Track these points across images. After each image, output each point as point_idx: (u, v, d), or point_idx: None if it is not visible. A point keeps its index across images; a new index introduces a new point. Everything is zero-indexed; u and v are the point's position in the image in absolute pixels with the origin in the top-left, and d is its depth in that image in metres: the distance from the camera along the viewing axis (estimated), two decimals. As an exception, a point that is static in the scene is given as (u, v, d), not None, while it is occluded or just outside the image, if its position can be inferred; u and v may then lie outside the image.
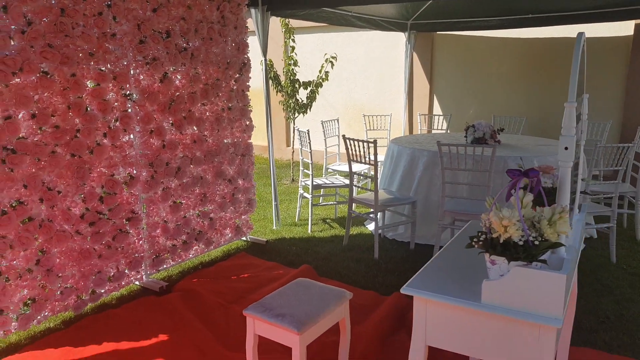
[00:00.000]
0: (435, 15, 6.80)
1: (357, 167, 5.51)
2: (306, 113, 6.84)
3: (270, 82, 6.78)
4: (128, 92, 3.28)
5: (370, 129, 6.66)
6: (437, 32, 7.31)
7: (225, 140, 4.07)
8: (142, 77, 3.37)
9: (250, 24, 4.58)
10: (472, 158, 3.92)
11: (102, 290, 3.28)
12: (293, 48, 6.75)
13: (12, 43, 2.64)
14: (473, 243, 1.59)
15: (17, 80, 2.67)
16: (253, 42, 4.62)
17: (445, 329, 1.73)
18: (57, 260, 2.97)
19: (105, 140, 3.15)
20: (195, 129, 3.79)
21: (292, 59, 6.64)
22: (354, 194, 4.62)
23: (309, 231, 4.82)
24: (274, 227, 4.94)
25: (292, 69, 6.66)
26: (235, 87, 4.11)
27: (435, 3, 6.14)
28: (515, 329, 1.56)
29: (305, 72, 8.07)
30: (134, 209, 3.40)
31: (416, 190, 4.52)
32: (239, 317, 3.10)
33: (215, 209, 4.08)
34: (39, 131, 2.80)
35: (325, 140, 5.71)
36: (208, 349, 2.83)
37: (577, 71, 1.69)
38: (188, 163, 3.75)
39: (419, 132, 6.91)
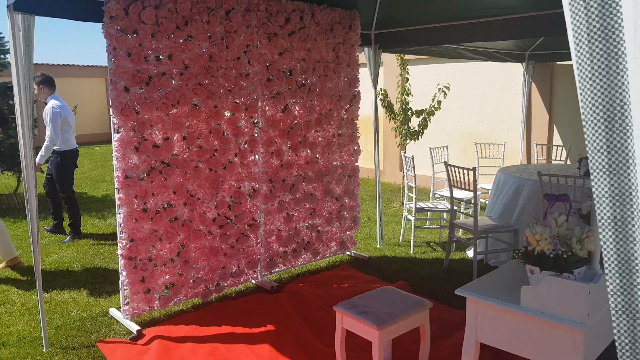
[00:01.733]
0: (554, 46, 6.76)
1: (463, 194, 5.70)
2: (417, 140, 7.17)
3: (384, 110, 7.26)
4: (256, 120, 3.97)
5: (482, 157, 6.77)
6: (557, 62, 7.21)
7: (334, 163, 4.60)
8: (267, 108, 4.04)
9: (364, 58, 5.11)
10: (581, 190, 3.94)
11: (225, 284, 3.95)
12: (407, 79, 7.16)
13: (173, 82, 3.44)
14: (514, 254, 1.87)
15: (174, 110, 3.46)
16: (366, 74, 5.15)
17: (492, 327, 2.01)
18: (193, 254, 3.70)
19: (236, 159, 3.85)
20: (309, 151, 4.37)
21: (405, 88, 7.05)
22: (459, 220, 4.84)
23: (411, 252, 5.12)
24: (378, 246, 5.33)
25: (405, 98, 7.06)
26: (345, 116, 4.64)
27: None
28: (549, 329, 1.80)
29: (420, 99, 8.40)
30: (254, 217, 4.05)
31: (518, 219, 4.61)
32: (335, 318, 3.54)
33: (323, 223, 4.61)
34: (187, 150, 3.56)
35: (433, 166, 6.00)
36: (306, 341, 3.30)
37: None
38: (301, 181, 4.34)
39: (536, 162, 6.84)
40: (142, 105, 3.29)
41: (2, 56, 7.29)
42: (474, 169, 4.15)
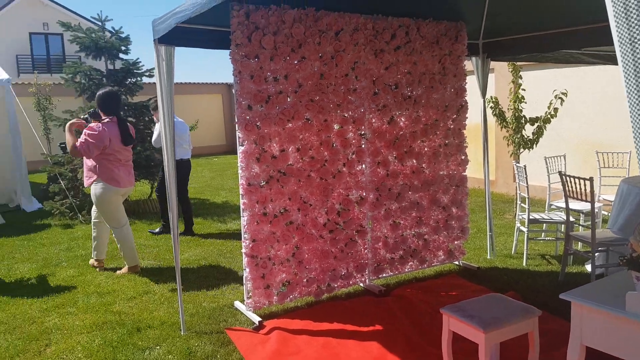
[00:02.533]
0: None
1: (582, 206, 5.42)
2: (532, 148, 6.92)
3: (495, 118, 7.12)
4: (363, 132, 4.21)
5: (605, 167, 6.35)
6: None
7: (441, 172, 4.68)
8: (374, 120, 4.27)
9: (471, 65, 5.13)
10: None
11: (335, 285, 4.21)
12: (519, 86, 6.96)
13: (288, 100, 3.82)
14: (619, 260, 1.89)
15: (289, 125, 3.83)
16: (474, 82, 5.16)
17: (596, 331, 2.02)
18: (306, 255, 4.02)
19: (344, 169, 4.12)
20: (415, 161, 4.51)
21: (518, 95, 6.86)
22: (577, 232, 4.64)
23: (524, 264, 4.99)
24: (488, 257, 5.26)
25: (518, 105, 6.87)
26: (452, 126, 4.71)
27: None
28: (653, 335, 1.78)
29: (535, 106, 8.07)
30: (362, 223, 4.28)
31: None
32: (441, 322, 3.62)
33: (430, 231, 4.70)
34: (301, 160, 3.91)
35: (548, 176, 5.77)
36: (413, 342, 3.44)
37: None
38: (407, 190, 4.48)
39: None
40: (263, 121, 3.70)
41: (139, 78, 8.37)
42: (591, 179, 3.99)
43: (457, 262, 5.04)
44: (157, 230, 6.68)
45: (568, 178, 4.25)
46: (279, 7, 3.67)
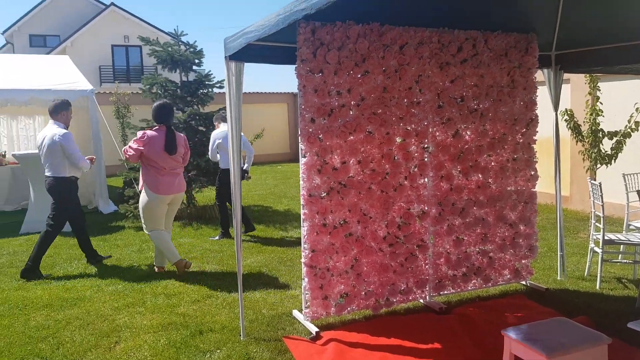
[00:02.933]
0: None
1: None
2: (610, 164, 6.51)
3: (570, 132, 6.77)
4: (426, 145, 4.16)
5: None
6: None
7: (508, 188, 4.52)
8: (437, 133, 4.21)
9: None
10: None
11: (394, 300, 4.17)
12: (597, 98, 6.59)
13: (351, 113, 3.85)
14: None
15: (351, 137, 3.85)
16: (546, 93, 4.95)
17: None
18: (365, 268, 4.01)
19: (405, 182, 4.08)
20: (480, 176, 4.39)
21: (595, 108, 6.49)
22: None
23: (597, 287, 4.70)
24: (558, 278, 5.00)
25: (595, 118, 6.50)
26: (521, 141, 4.54)
27: None
28: None
29: (615, 119, 7.59)
30: (423, 238, 4.21)
31: None
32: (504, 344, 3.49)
33: (495, 249, 4.54)
34: (361, 173, 3.92)
35: (627, 194, 5.41)
36: (473, 362, 3.33)
37: None
38: (472, 205, 4.37)
39: None
40: (325, 133, 3.75)
41: (210, 90, 8.72)
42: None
43: (524, 282, 4.83)
44: (216, 237, 6.92)
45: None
46: (343, 23, 3.72)
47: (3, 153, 10.24)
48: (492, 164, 4.45)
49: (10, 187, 9.38)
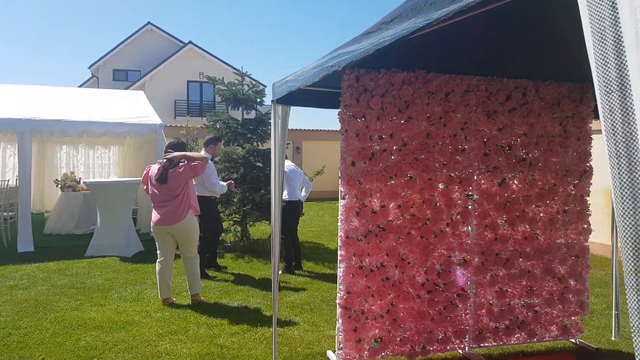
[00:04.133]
0: None
1: None
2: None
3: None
4: (470, 193, 4.12)
5: None
6: None
7: (557, 240, 4.35)
8: (483, 181, 4.16)
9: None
10: None
11: (431, 348, 4.07)
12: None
13: (392, 157, 3.91)
14: None
15: (392, 182, 3.90)
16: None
17: None
18: (401, 313, 3.97)
19: (447, 229, 4.04)
20: (528, 227, 4.26)
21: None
22: None
23: (657, 352, 4.35)
24: (612, 338, 4.68)
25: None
26: (573, 192, 4.38)
27: None
28: None
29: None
30: (464, 287, 4.12)
31: None
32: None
33: (542, 303, 4.35)
34: (401, 217, 3.93)
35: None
36: None
37: None
38: (517, 256, 4.23)
39: None
40: (365, 176, 3.82)
41: (269, 127, 9.07)
42: None
43: (573, 340, 4.56)
44: (280, 271, 7.05)
45: None
46: (388, 70, 3.84)
47: (78, 180, 11.08)
48: (541, 214, 4.32)
49: (81, 212, 10.12)
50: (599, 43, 1.06)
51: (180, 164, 5.37)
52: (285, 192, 6.91)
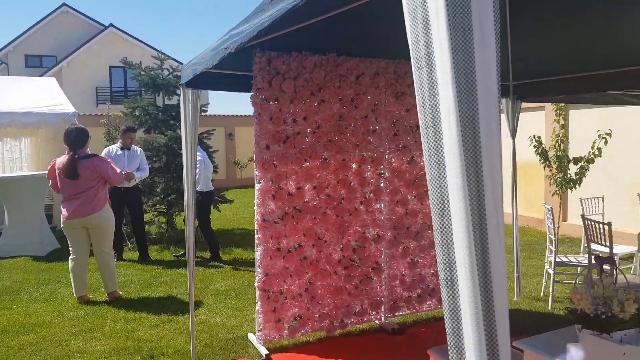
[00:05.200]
0: None
1: (621, 249, 5.21)
2: (575, 189, 6.69)
3: (538, 157, 6.97)
4: (381, 171, 4.32)
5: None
6: None
7: (463, 213, 4.66)
8: (393, 160, 4.37)
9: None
10: None
11: (349, 321, 4.27)
12: (562, 126, 6.80)
13: (307, 140, 4.01)
14: (564, 311, 1.91)
15: (307, 164, 4.01)
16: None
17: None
18: (319, 291, 4.12)
19: (361, 207, 4.22)
20: (435, 201, 4.53)
21: (559, 136, 6.70)
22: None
23: (549, 307, 4.82)
24: (515, 299, 5.11)
25: (560, 145, 6.70)
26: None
27: None
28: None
29: (586, 145, 7.80)
30: (378, 261, 4.34)
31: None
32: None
33: (450, 272, 4.66)
34: (317, 198, 4.06)
35: (582, 218, 5.54)
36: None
37: None
38: (426, 228, 4.51)
39: None
40: (280, 160, 3.90)
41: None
42: (609, 224, 3.86)
43: (481, 305, 4.93)
44: (180, 253, 7.31)
45: (588, 222, 4.12)
46: (300, 53, 3.92)
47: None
48: (447, 189, 4.60)
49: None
50: (412, 22, 1.18)
51: (94, 158, 5.21)
52: (202, 183, 6.88)
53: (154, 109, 8.46)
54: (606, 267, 2.08)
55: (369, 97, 4.20)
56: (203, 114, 9.13)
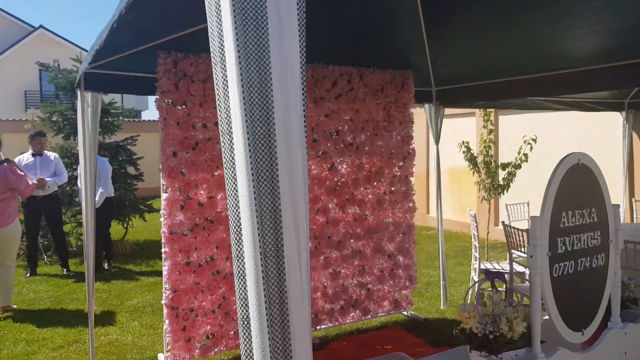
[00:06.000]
0: (659, 91, 6.07)
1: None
2: (503, 194, 6.79)
3: (467, 163, 7.03)
4: (300, 179, 4.14)
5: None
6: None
7: (385, 220, 4.57)
8: (313, 167, 4.21)
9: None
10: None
11: (267, 337, 4.05)
12: (490, 131, 6.89)
13: (218, 146, 3.78)
14: (454, 331, 1.78)
15: (219, 172, 3.78)
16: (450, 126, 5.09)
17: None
18: (234, 306, 3.89)
19: (279, 216, 4.03)
20: (357, 209, 4.41)
21: (486, 141, 6.78)
22: (519, 283, 4.48)
23: (477, 315, 4.79)
24: (442, 307, 5.07)
25: (488, 150, 6.78)
26: (398, 174, 4.62)
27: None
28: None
29: (515, 149, 7.98)
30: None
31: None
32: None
33: (374, 281, 4.55)
34: (230, 208, 3.83)
35: (503, 225, 5.60)
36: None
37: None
38: (348, 237, 4.37)
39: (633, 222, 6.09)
40: (189, 167, 3.65)
41: (116, 118, 8.44)
42: (526, 230, 3.86)
43: (405, 313, 4.86)
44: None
45: (509, 228, 4.12)
46: (209, 54, 3.68)
47: None
48: (369, 196, 4.50)
49: None
50: (208, 10, 1.02)
51: (6, 168, 4.84)
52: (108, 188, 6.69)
53: (73, 113, 7.94)
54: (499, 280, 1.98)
55: (286, 102, 4.03)
56: (136, 119, 8.70)
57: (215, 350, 3.84)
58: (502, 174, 7.08)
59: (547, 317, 1.78)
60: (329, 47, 4.14)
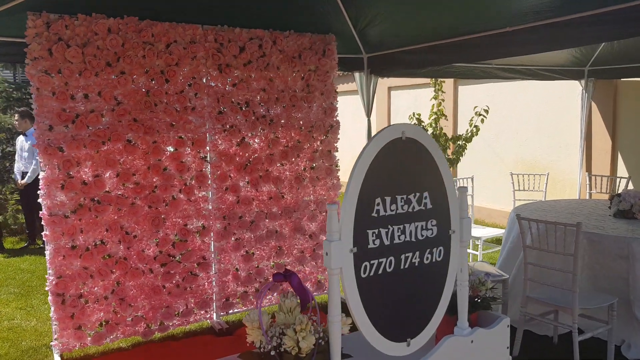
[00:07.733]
0: (618, 60, 5.73)
1: (481, 232, 5.07)
2: (453, 167, 6.51)
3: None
4: (205, 155, 3.82)
5: (520, 189, 5.93)
6: (622, 80, 6.12)
7: (305, 198, 4.27)
8: (220, 142, 3.88)
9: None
10: (563, 240, 3.22)
11: (170, 323, 3.80)
12: (440, 102, 6.55)
13: (103, 119, 3.44)
14: None
15: (105, 147, 3.45)
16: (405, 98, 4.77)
17: None
18: (131, 292, 3.62)
19: (180, 195, 3.73)
20: (273, 186, 4.11)
21: (436, 113, 6.46)
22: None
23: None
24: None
25: (437, 123, 6.47)
26: (320, 148, 4.30)
27: (612, 47, 5.23)
28: None
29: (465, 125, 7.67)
30: (205, 255, 3.88)
31: (519, 267, 3.89)
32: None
33: (293, 262, 4.29)
34: (122, 187, 3.52)
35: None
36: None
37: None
38: (263, 217, 4.08)
39: (588, 197, 5.84)
40: (68, 143, 3.32)
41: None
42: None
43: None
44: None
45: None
46: (88, 16, 3.31)
47: None
48: (287, 173, 4.19)
49: None
50: None
51: None
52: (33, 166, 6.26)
53: (6, 85, 7.51)
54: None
55: (185, 69, 3.68)
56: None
57: (111, 337, 3.58)
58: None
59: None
60: (232, 7, 3.76)
